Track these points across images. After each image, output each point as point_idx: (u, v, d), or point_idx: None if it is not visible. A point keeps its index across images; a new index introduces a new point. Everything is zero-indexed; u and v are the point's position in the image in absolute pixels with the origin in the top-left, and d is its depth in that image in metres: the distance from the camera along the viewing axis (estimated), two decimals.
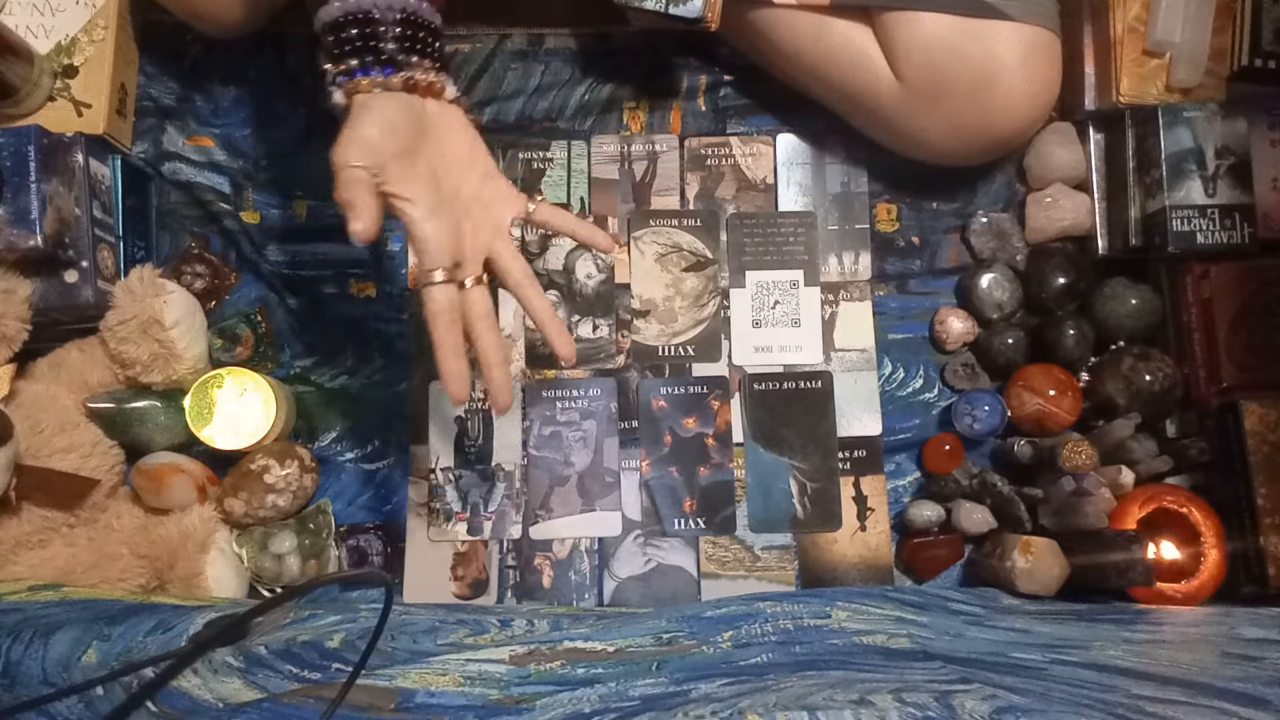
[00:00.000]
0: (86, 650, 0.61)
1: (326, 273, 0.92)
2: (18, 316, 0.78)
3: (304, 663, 0.61)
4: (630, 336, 0.91)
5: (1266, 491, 0.81)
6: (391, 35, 0.61)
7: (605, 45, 0.95)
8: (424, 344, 0.90)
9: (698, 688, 0.55)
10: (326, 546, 0.86)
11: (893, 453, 0.91)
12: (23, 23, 0.86)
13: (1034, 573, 0.80)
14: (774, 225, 0.93)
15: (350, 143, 0.60)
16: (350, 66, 0.61)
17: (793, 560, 0.88)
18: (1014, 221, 0.93)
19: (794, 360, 0.91)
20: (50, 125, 0.82)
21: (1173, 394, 0.85)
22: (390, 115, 0.61)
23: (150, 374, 0.82)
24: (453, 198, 0.65)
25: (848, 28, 0.82)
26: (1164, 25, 0.83)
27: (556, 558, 0.88)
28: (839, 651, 0.62)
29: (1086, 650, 0.61)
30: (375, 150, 0.60)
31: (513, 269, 0.69)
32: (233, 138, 0.93)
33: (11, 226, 0.76)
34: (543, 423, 0.90)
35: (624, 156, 0.94)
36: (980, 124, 0.81)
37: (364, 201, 0.61)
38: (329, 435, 0.90)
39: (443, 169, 0.65)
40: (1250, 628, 0.68)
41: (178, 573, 0.80)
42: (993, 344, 0.89)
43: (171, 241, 0.92)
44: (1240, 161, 0.85)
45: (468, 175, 0.67)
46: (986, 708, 0.48)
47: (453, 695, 0.56)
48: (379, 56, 0.61)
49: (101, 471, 0.82)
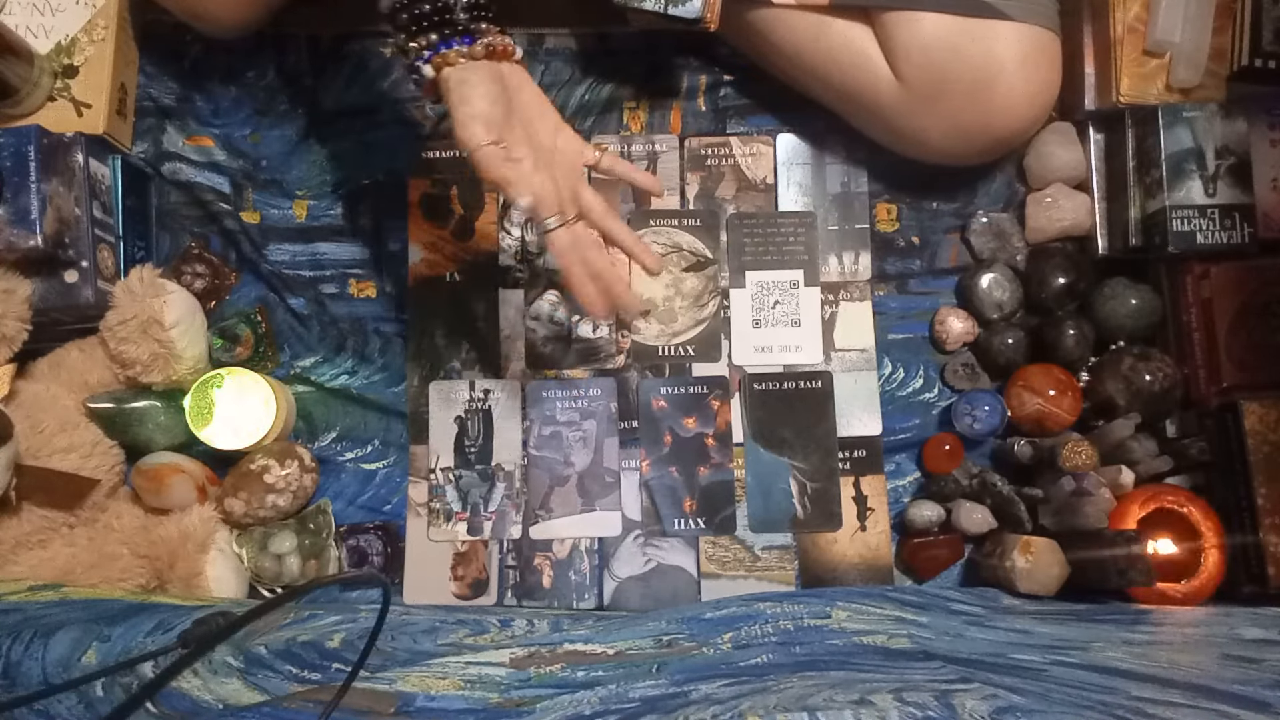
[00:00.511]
0: (86, 651, 0.61)
1: (326, 273, 0.92)
2: (18, 316, 0.79)
3: (304, 663, 0.61)
4: (630, 336, 0.91)
5: (1266, 491, 0.81)
6: (461, 6, 0.64)
7: (605, 45, 0.95)
8: (424, 344, 0.90)
9: (698, 689, 0.55)
10: (326, 546, 0.86)
11: (893, 453, 0.91)
12: (23, 23, 0.86)
13: (1034, 573, 0.80)
14: (774, 225, 0.93)
15: (471, 121, 0.64)
16: (432, 41, 0.64)
17: (793, 560, 0.88)
18: (1014, 221, 0.93)
19: (794, 360, 0.91)
20: (50, 125, 0.82)
21: (1173, 394, 0.85)
22: (488, 85, 0.65)
23: (150, 374, 0.82)
24: (540, 150, 0.69)
25: (847, 28, 0.82)
26: (1164, 25, 0.83)
27: (556, 558, 0.88)
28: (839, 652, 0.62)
29: (1086, 651, 0.61)
30: (494, 122, 0.65)
31: (595, 206, 0.73)
32: (233, 138, 0.93)
33: (11, 226, 0.76)
34: (543, 423, 0.90)
35: (624, 156, 0.94)
36: (980, 124, 0.81)
37: (513, 172, 0.66)
38: (329, 435, 0.90)
39: (528, 125, 0.69)
40: (1250, 628, 0.68)
41: (178, 573, 0.80)
42: (993, 344, 0.89)
43: (171, 241, 0.92)
44: (1240, 161, 0.85)
45: (544, 127, 0.71)
46: (987, 707, 0.48)
47: (452, 699, 0.56)
48: (455, 28, 0.64)
49: (101, 471, 0.82)
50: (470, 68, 0.65)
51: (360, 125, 0.93)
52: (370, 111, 0.93)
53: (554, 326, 0.91)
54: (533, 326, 0.91)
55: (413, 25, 0.64)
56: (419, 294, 0.91)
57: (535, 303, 0.91)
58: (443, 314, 0.91)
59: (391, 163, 0.93)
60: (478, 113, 0.64)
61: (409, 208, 0.92)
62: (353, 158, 0.93)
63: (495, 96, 0.65)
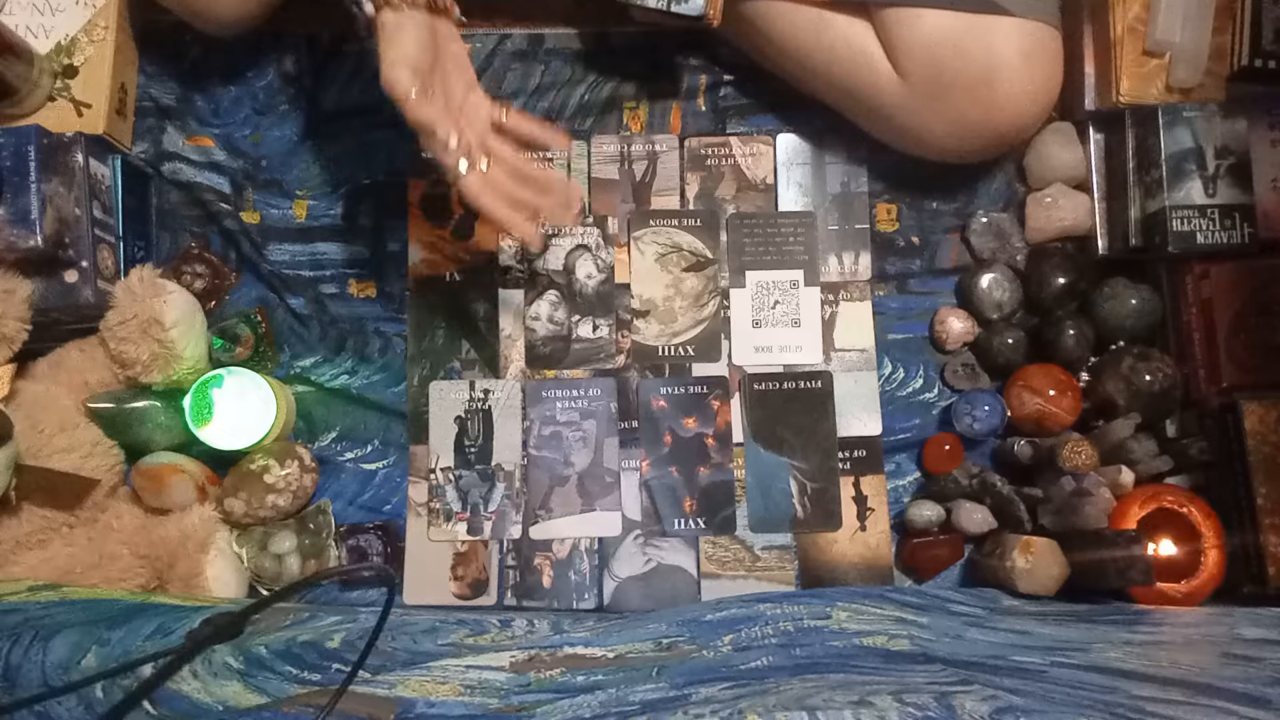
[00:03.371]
0: (86, 654, 0.61)
1: (326, 273, 0.92)
2: (18, 316, 0.78)
3: (304, 663, 0.60)
4: (630, 336, 0.91)
5: (1266, 491, 0.81)
6: None
7: (605, 45, 0.94)
8: (424, 344, 0.90)
9: (698, 691, 0.55)
10: (326, 546, 0.86)
11: (893, 453, 0.91)
12: (23, 23, 0.86)
13: (1034, 573, 0.80)
14: (774, 225, 0.93)
15: (398, 64, 0.67)
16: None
17: (793, 560, 0.88)
18: (1014, 221, 0.93)
19: (794, 360, 0.91)
20: (50, 125, 0.82)
21: (1173, 394, 0.85)
22: (420, 32, 0.69)
23: (150, 374, 0.82)
24: (452, 100, 0.73)
25: (848, 24, 0.82)
26: (1164, 25, 0.83)
27: (556, 558, 0.88)
28: (839, 653, 0.62)
29: (1087, 653, 0.61)
30: (419, 67, 0.68)
31: (502, 151, 0.76)
32: (233, 138, 0.93)
33: (11, 226, 0.76)
34: (543, 423, 0.90)
35: (624, 156, 0.94)
36: (982, 120, 0.81)
37: (435, 114, 0.69)
38: (329, 435, 0.90)
39: (445, 78, 0.72)
40: (1250, 628, 0.68)
41: (178, 573, 0.80)
42: (993, 344, 0.89)
43: (171, 241, 0.92)
44: (1240, 161, 0.84)
45: (459, 82, 0.74)
46: (987, 708, 0.48)
47: (452, 705, 0.56)
48: None
49: (101, 471, 0.82)
50: (407, 14, 0.68)
51: (360, 125, 0.93)
52: (370, 111, 0.93)
53: (554, 326, 0.91)
54: (533, 326, 0.91)
55: None
56: (419, 294, 0.91)
57: (535, 303, 0.91)
58: (443, 314, 0.91)
59: (391, 163, 0.93)
60: (405, 56, 0.68)
61: (409, 208, 0.92)
62: (353, 158, 0.93)
63: (424, 44, 0.69)
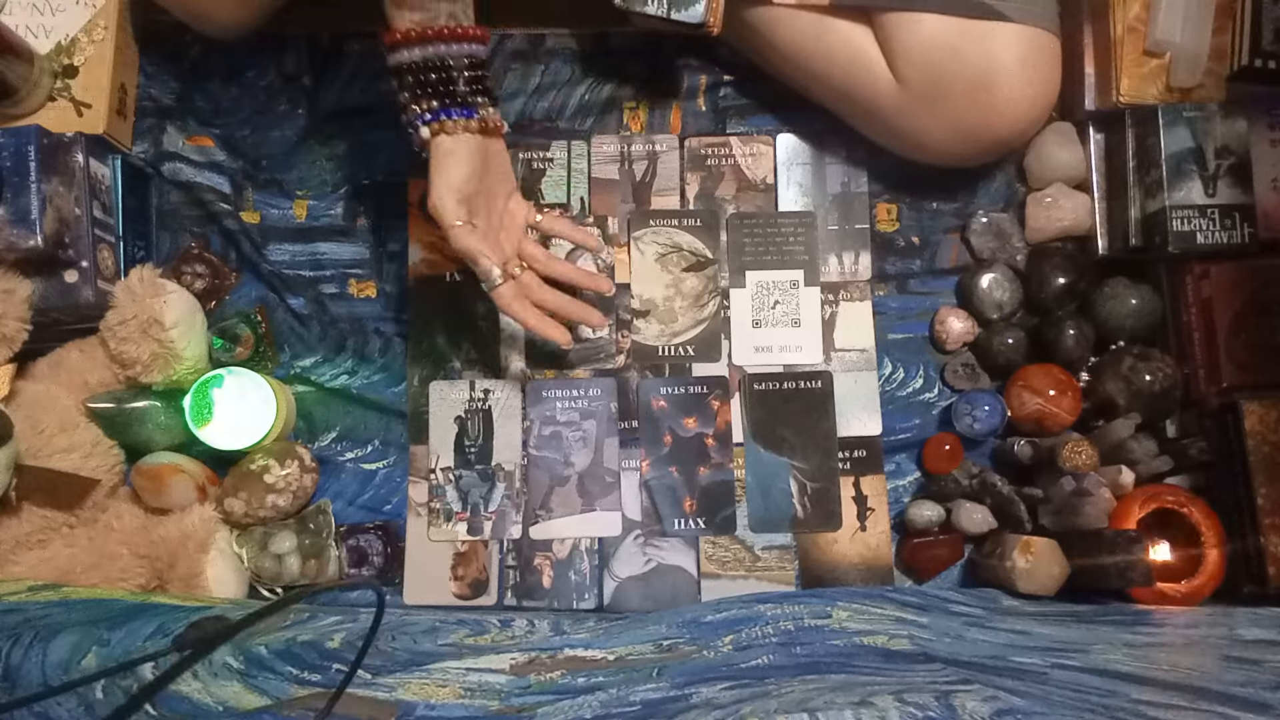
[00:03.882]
0: (86, 654, 0.61)
1: (326, 273, 0.92)
2: (18, 316, 0.79)
3: (304, 664, 0.60)
4: (630, 336, 0.91)
5: (1266, 491, 0.81)
6: (463, 79, 0.70)
7: (605, 45, 0.94)
8: (424, 344, 0.90)
9: (699, 692, 0.55)
10: (326, 546, 0.86)
11: (893, 453, 0.91)
12: (23, 23, 0.86)
13: (1034, 573, 0.80)
14: (774, 225, 0.93)
15: (447, 192, 0.71)
16: (433, 107, 0.69)
17: (793, 560, 0.88)
18: (1014, 221, 0.92)
19: (794, 360, 0.91)
20: (50, 125, 0.82)
21: (1173, 394, 0.85)
22: (473, 159, 0.71)
23: (150, 374, 0.82)
24: (493, 215, 0.77)
25: (848, 28, 0.82)
26: (1164, 25, 0.83)
27: (556, 558, 0.88)
28: (840, 653, 0.62)
29: (1087, 654, 0.61)
30: (465, 195, 0.72)
31: (537, 255, 0.81)
32: (233, 138, 0.93)
33: (11, 226, 0.76)
34: (543, 423, 0.90)
35: (624, 156, 0.94)
36: (980, 125, 0.81)
37: (480, 244, 0.73)
38: (329, 435, 0.90)
39: (489, 193, 0.76)
40: (1250, 628, 0.68)
41: (178, 573, 0.80)
42: (993, 344, 0.89)
43: (171, 241, 0.92)
44: (1240, 161, 0.84)
45: (502, 192, 0.78)
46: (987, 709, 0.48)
47: (453, 707, 0.56)
48: (455, 100, 0.70)
49: (101, 471, 0.82)
50: (460, 139, 0.70)
51: (360, 125, 0.93)
52: (370, 111, 0.93)
53: None
54: None
55: (418, 89, 0.69)
56: (419, 294, 0.91)
57: None
58: (443, 314, 0.91)
59: (391, 163, 0.93)
60: (454, 185, 0.71)
61: (409, 208, 0.92)
62: (353, 158, 0.93)
63: (472, 171, 0.72)
